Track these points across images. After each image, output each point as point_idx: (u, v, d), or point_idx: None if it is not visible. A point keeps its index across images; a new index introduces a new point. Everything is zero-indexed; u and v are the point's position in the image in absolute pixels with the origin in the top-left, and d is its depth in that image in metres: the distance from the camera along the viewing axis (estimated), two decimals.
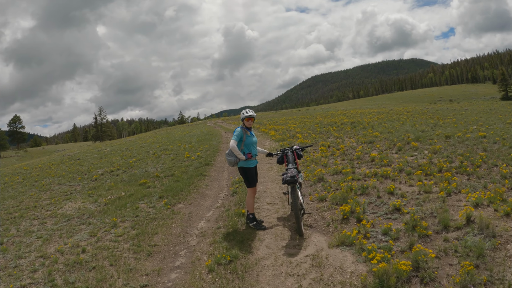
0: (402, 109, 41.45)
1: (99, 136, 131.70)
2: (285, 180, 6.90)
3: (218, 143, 22.99)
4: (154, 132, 59.63)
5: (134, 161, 19.35)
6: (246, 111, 7.65)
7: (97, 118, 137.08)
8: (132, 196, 11.48)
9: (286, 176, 6.94)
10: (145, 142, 31.31)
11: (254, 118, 7.73)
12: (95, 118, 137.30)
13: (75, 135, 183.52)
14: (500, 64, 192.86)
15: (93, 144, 66.82)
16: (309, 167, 11.88)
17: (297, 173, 7.02)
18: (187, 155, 18.42)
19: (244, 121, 7.62)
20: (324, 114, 42.56)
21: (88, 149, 38.62)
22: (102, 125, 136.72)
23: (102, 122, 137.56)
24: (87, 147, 53.10)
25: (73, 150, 44.41)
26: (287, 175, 6.96)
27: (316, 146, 16.61)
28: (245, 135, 7.52)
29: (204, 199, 10.64)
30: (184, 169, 14.94)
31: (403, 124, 22.26)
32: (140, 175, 15.08)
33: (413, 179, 9.36)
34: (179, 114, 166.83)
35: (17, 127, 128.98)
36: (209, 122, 63.80)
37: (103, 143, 56.57)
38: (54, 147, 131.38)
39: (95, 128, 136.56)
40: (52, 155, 51.36)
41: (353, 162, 12.01)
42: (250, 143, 7.60)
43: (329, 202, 8.39)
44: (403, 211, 7.22)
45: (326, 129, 22.78)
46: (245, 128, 7.60)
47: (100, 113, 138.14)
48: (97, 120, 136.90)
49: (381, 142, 15.42)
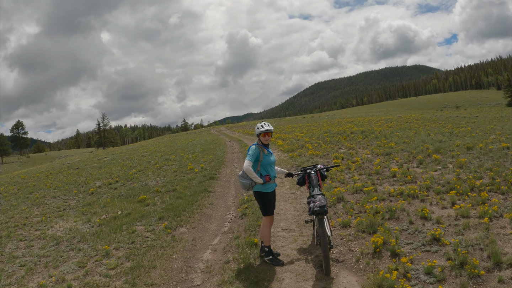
0: (410, 117, 40.36)
1: (102, 142, 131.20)
2: (313, 210, 5.68)
3: (223, 153, 21.93)
4: (156, 140, 58.64)
5: (134, 172, 18.33)
6: (261, 125, 6.45)
7: (100, 125, 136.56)
8: (129, 216, 10.39)
9: (314, 205, 5.71)
10: (146, 151, 30.29)
11: (271, 133, 6.53)
12: (98, 125, 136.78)
13: (78, 141, 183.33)
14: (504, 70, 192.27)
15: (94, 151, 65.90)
16: (325, 184, 10.76)
17: (327, 202, 5.83)
18: (190, 166, 17.37)
19: (260, 136, 6.43)
20: (330, 121, 41.52)
21: (89, 157, 37.65)
22: (105, 131, 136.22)
23: (105, 129, 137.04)
24: (88, 154, 52.14)
25: (74, 158, 43.44)
26: (314, 203, 5.73)
27: (328, 158, 15.55)
28: (261, 154, 6.33)
29: (209, 221, 9.53)
30: (187, 183, 13.87)
31: (416, 133, 21.19)
32: (139, 189, 14.02)
33: (444, 199, 8.32)
34: (183, 121, 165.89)
35: (20, 133, 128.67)
36: (212, 129, 62.87)
37: (105, 151, 55.68)
38: (57, 153, 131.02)
39: (98, 134, 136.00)
40: (53, 162, 50.50)
41: (372, 178, 10.93)
42: (267, 163, 6.41)
43: (355, 228, 7.29)
44: (443, 242, 6.16)
45: (336, 138, 21.71)
46: (261, 146, 6.42)
47: (103, 120, 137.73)
48: (100, 126, 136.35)
49: (398, 154, 14.37)
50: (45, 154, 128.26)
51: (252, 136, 34.54)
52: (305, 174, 6.97)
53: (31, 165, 67.86)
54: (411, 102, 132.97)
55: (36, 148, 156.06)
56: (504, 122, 28.27)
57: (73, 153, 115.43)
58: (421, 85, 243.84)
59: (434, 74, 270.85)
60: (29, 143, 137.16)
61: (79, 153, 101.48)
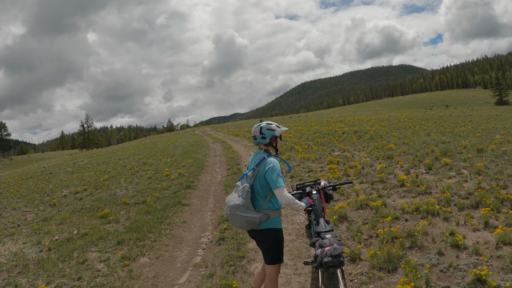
0: (401, 116, 38.72)
1: (86, 144, 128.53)
2: (322, 262, 3.53)
3: (204, 156, 20.08)
4: (139, 141, 56.44)
5: (106, 179, 16.45)
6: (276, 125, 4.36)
7: (84, 126, 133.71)
8: (85, 238, 8.52)
9: (324, 252, 3.56)
10: (125, 154, 28.32)
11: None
12: (82, 126, 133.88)
13: (62, 143, 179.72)
14: (490, 69, 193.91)
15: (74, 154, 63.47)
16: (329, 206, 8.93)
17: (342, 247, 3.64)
18: (166, 172, 15.52)
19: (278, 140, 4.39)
20: (319, 121, 39.71)
21: (65, 160, 35.54)
22: (89, 133, 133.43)
23: (89, 130, 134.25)
24: (67, 157, 49.91)
25: (51, 162, 41.17)
26: (323, 250, 3.59)
27: (321, 162, 13.82)
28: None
29: (179, 246, 7.65)
30: (160, 193, 12.00)
31: (414, 133, 19.54)
32: (105, 200, 12.14)
33: (473, 216, 6.66)
34: (168, 121, 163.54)
35: (2, 135, 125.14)
36: (197, 130, 60.93)
37: (84, 153, 53.46)
38: (41, 155, 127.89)
39: (82, 136, 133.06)
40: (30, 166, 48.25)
41: (377, 188, 9.20)
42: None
43: (368, 264, 5.50)
44: (491, 284, 4.45)
45: (327, 139, 19.98)
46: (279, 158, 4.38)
47: (87, 121, 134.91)
48: (84, 127, 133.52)
49: (401, 157, 12.70)
50: (28, 156, 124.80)
51: (237, 137, 32.75)
52: (302, 194, 4.73)
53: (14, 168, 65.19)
54: (398, 101, 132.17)
55: (19, 150, 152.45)
56: (503, 120, 26.81)
57: (56, 155, 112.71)
58: (408, 85, 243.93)
59: (421, 74, 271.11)
60: (12, 145, 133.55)
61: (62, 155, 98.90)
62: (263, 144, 4.28)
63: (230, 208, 4.01)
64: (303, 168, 12.94)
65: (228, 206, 4.02)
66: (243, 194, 4.01)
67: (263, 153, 4.24)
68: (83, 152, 58.23)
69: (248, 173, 4.18)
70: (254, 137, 4.28)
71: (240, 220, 4.00)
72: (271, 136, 4.25)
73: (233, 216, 4.02)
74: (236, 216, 4.00)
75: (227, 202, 4.06)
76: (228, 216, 4.10)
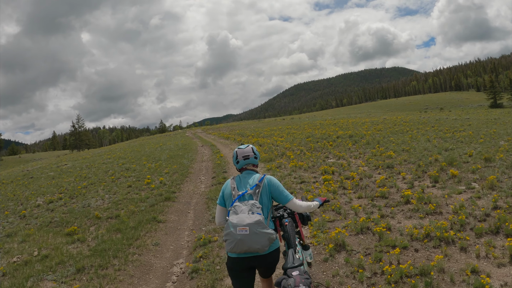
0: (396, 119, 37.63)
1: (77, 145, 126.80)
2: None
3: (190, 161, 18.90)
4: (128, 143, 55.11)
5: (84, 186, 15.31)
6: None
7: (75, 126, 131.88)
8: (44, 261, 7.35)
9: None
10: (110, 157, 27.12)
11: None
12: (73, 126, 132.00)
13: (54, 143, 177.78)
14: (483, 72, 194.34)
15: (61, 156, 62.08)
16: (317, 219, 7.83)
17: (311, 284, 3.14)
18: (147, 180, 14.37)
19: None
20: (311, 124, 38.60)
21: (50, 163, 34.30)
22: (80, 133, 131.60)
23: (80, 131, 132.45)
24: (53, 159, 48.65)
25: (36, 164, 39.79)
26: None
27: (314, 171, 12.70)
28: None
29: (145, 278, 6.42)
30: (135, 206, 10.82)
31: (413, 138, 18.46)
32: (77, 213, 10.95)
33: (495, 246, 5.59)
34: (160, 122, 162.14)
35: None
36: (188, 132, 59.77)
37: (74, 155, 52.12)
38: (31, 155, 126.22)
39: (73, 136, 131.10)
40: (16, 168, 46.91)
41: (379, 205, 8.07)
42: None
43: None
44: None
45: (321, 144, 18.87)
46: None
47: (78, 121, 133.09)
48: (76, 128, 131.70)
49: (402, 167, 11.64)
50: (19, 156, 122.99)
51: (227, 140, 31.62)
52: (275, 220, 4.19)
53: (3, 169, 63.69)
54: (392, 103, 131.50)
55: (10, 150, 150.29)
56: (503, 125, 25.79)
57: (47, 155, 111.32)
58: (401, 87, 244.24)
59: (414, 76, 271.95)
60: (2, 145, 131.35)
61: (52, 156, 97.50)
62: (252, 165, 4.05)
63: (251, 226, 3.36)
64: (294, 179, 11.81)
65: (246, 225, 3.36)
66: (257, 211, 3.52)
67: (255, 173, 3.98)
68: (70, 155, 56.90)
69: (248, 191, 3.72)
70: (247, 156, 3.98)
71: (263, 239, 3.41)
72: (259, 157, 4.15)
73: (255, 236, 3.37)
74: (259, 235, 3.38)
75: (240, 222, 3.39)
76: (244, 238, 3.36)
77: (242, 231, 3.35)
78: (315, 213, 8.07)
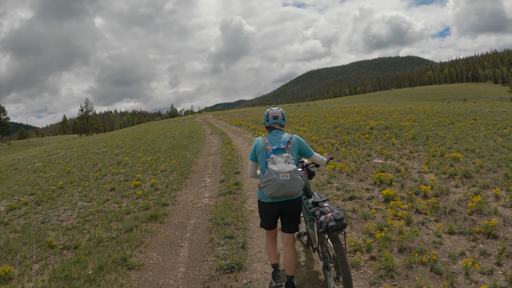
0: (426, 109, 33.61)
1: (85, 128, 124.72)
2: (328, 226, 3.78)
3: (194, 154, 15.54)
4: (133, 129, 51.83)
5: (60, 186, 12.05)
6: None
7: (84, 110, 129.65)
8: None
9: (326, 217, 3.88)
10: (106, 146, 23.92)
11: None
12: (81, 110, 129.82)
13: (64, 127, 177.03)
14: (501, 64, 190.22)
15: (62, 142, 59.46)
16: None
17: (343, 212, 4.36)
18: (135, 182, 11.13)
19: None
20: (332, 111, 34.75)
21: (44, 150, 31.34)
22: (89, 117, 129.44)
23: (89, 115, 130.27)
24: (52, 145, 45.91)
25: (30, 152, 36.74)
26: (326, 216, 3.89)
27: (362, 177, 9.30)
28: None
29: None
30: (106, 229, 7.43)
31: (463, 133, 14.92)
32: (30, 234, 7.62)
33: None
34: (170, 107, 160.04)
35: (1, 118, 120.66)
36: (198, 117, 56.48)
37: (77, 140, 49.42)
38: (40, 140, 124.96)
39: (82, 120, 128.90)
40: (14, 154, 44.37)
41: (490, 251, 4.76)
42: None
43: None
44: None
45: (354, 136, 15.43)
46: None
47: (86, 105, 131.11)
48: (84, 112, 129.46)
49: (482, 176, 8.31)
50: (27, 140, 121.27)
51: (239, 127, 28.27)
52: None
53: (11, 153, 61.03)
54: (408, 92, 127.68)
55: (20, 134, 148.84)
56: None
57: (55, 139, 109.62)
58: (416, 76, 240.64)
59: (429, 66, 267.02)
60: (11, 129, 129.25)
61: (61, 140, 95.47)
62: (279, 125, 4.65)
63: (291, 173, 4.06)
64: (338, 190, 8.44)
65: (287, 172, 4.04)
66: (292, 161, 4.23)
67: (283, 132, 4.61)
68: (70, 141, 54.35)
69: (281, 146, 4.36)
70: (276, 117, 4.61)
71: (299, 184, 4.13)
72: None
73: (294, 182, 4.07)
74: (297, 181, 4.09)
75: (282, 169, 4.05)
76: (285, 183, 4.02)
77: (284, 177, 4.00)
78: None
